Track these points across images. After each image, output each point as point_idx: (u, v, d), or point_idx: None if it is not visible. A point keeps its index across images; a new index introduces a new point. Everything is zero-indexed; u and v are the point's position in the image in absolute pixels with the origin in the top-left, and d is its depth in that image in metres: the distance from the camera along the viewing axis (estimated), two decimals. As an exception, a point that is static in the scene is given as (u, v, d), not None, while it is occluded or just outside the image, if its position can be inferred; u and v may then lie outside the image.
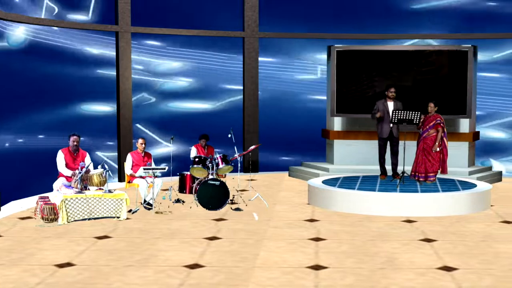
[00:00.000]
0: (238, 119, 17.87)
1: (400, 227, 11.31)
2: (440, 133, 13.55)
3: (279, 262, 8.99)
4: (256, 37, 17.83)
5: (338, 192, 12.93)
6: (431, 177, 13.63)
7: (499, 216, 12.32)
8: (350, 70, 16.41)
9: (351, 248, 9.79)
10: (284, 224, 11.51)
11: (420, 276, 8.38)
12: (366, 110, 16.00)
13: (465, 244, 10.08)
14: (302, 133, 17.95)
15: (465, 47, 16.23)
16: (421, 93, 16.03)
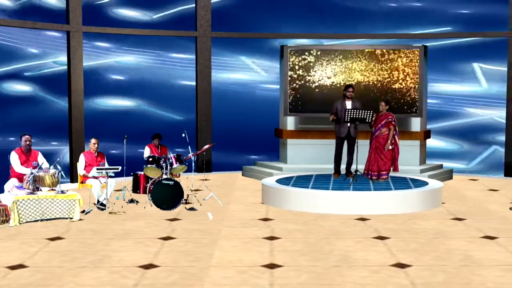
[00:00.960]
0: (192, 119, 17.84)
1: (353, 225, 11.38)
2: (392, 131, 13.67)
3: (234, 262, 8.97)
4: (209, 37, 17.78)
5: (292, 191, 12.96)
6: (384, 175, 13.75)
7: (451, 213, 12.46)
8: (303, 69, 16.45)
9: (306, 247, 9.81)
10: (239, 223, 11.50)
11: (374, 273, 8.43)
12: (319, 109, 16.10)
13: (418, 241, 10.18)
14: (256, 133, 17.95)
15: (416, 47, 16.40)
16: (374, 92, 16.16)
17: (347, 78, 16.26)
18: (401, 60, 16.32)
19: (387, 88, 16.27)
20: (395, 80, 16.29)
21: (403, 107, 16.21)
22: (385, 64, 16.33)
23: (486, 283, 8.04)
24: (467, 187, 15.83)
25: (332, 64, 16.39)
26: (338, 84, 16.25)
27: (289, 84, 16.50)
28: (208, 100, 17.88)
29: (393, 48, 16.62)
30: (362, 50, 16.53)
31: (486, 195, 14.66)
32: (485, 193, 14.86)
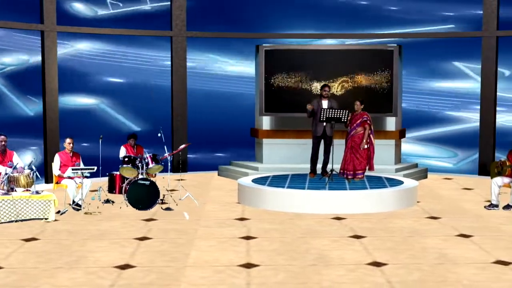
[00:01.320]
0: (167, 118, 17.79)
1: (329, 224, 11.41)
2: (367, 130, 13.73)
3: (210, 261, 8.96)
4: (184, 37, 17.75)
5: (268, 191, 12.97)
6: (359, 175, 13.80)
7: (426, 212, 12.54)
8: (279, 69, 16.47)
9: (282, 246, 9.82)
10: (215, 223, 11.49)
11: (350, 272, 8.46)
12: (294, 109, 16.13)
13: (393, 240, 10.23)
14: (231, 133, 17.95)
15: (391, 47, 16.49)
16: (349, 91, 16.22)
17: (324, 77, 16.28)
18: (376, 59, 16.39)
19: (363, 88, 16.32)
20: (370, 80, 16.34)
21: (378, 107, 16.24)
22: (361, 63, 16.39)
23: (461, 280, 8.11)
24: (442, 186, 15.92)
25: (308, 64, 16.41)
26: (315, 84, 16.27)
27: (264, 84, 16.50)
28: (183, 100, 17.84)
29: (369, 48, 16.69)
30: (338, 50, 16.58)
31: (460, 194, 14.77)
32: (460, 192, 14.97)
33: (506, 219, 11.88)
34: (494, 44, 17.24)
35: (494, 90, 17.36)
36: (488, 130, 17.42)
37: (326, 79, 16.21)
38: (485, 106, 17.43)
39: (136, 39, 17.78)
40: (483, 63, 17.41)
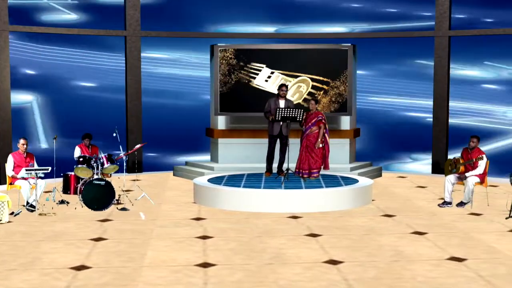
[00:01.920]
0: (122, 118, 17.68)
1: (286, 223, 11.44)
2: (322, 129, 13.78)
3: (167, 261, 8.93)
4: (138, 36, 17.64)
5: (224, 190, 12.96)
6: (315, 174, 13.86)
7: (381, 210, 12.64)
8: (234, 68, 16.46)
9: (239, 245, 9.82)
10: (171, 223, 11.45)
11: (307, 270, 8.49)
12: (250, 108, 16.15)
13: (349, 238, 10.30)
14: (187, 132, 17.90)
15: (345, 46, 16.58)
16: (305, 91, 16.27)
17: (280, 77, 16.31)
18: (331, 59, 16.48)
19: (318, 87, 16.39)
20: (325, 79, 16.42)
21: (333, 106, 16.34)
22: (315, 63, 16.46)
23: (416, 277, 8.19)
24: (396, 184, 16.07)
25: (265, 64, 16.43)
26: (271, 83, 16.30)
27: (219, 83, 16.48)
28: (138, 100, 17.74)
29: (323, 48, 16.76)
30: (293, 49, 16.63)
31: (414, 191, 14.91)
32: (414, 190, 15.12)
33: (459, 216, 12.03)
34: (446, 44, 17.44)
35: (447, 89, 17.56)
36: (440, 128, 17.62)
37: (282, 78, 16.24)
38: (438, 104, 17.62)
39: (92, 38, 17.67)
40: (435, 62, 17.61)
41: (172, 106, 18.21)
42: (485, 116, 17.68)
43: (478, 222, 11.56)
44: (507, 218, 11.75)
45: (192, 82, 18.63)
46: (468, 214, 12.29)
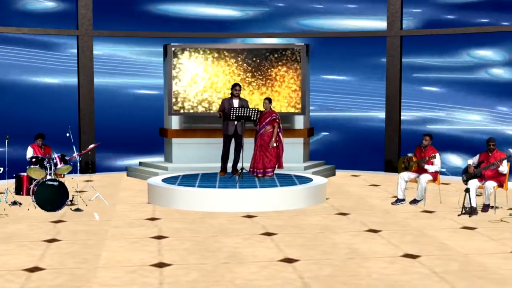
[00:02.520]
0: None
1: (241, 222, 11.43)
2: (276, 128, 13.81)
3: (122, 262, 8.86)
4: (91, 36, 17.50)
5: (178, 190, 12.91)
6: (269, 173, 13.88)
7: (335, 208, 12.71)
8: (187, 68, 16.40)
9: (194, 245, 9.79)
10: (125, 223, 11.36)
11: (263, 269, 8.50)
12: (204, 108, 16.09)
13: (304, 236, 10.33)
14: (140, 133, 17.79)
15: (299, 46, 16.63)
16: (259, 90, 16.28)
17: (234, 76, 16.31)
18: (285, 58, 16.51)
19: (272, 86, 16.42)
20: (279, 78, 16.46)
21: (287, 105, 16.38)
22: (269, 62, 16.48)
23: (371, 274, 8.25)
24: (350, 182, 16.17)
25: (218, 63, 16.40)
26: (226, 83, 16.28)
27: (173, 83, 16.41)
28: (90, 100, 17.59)
29: (277, 47, 16.80)
30: (248, 48, 16.62)
31: (368, 190, 15.03)
32: (367, 188, 15.23)
33: (412, 214, 12.15)
34: (398, 44, 17.62)
35: (399, 88, 17.73)
36: (393, 127, 17.79)
37: (236, 77, 16.24)
38: (390, 103, 17.79)
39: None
40: (387, 62, 17.77)
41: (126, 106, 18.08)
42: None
43: (431, 220, 11.68)
44: (459, 215, 11.90)
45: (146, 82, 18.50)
46: (421, 211, 12.42)
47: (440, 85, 17.77)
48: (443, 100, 17.68)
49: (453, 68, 17.60)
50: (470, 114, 17.37)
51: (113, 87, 18.20)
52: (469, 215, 11.86)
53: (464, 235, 10.48)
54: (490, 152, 12.26)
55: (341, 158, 18.30)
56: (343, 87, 18.67)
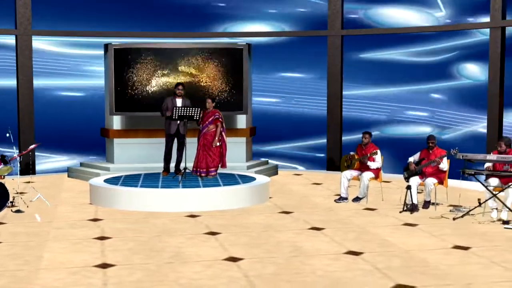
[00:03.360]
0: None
1: (184, 222, 11.41)
2: (219, 128, 13.81)
3: (65, 263, 8.75)
4: (30, 35, 17.26)
5: (121, 191, 12.82)
6: (212, 172, 13.87)
7: (278, 207, 12.76)
8: (129, 68, 16.28)
9: (137, 245, 9.73)
10: (67, 224, 11.24)
11: (207, 268, 8.49)
12: (146, 108, 16.01)
13: (248, 235, 10.35)
14: (81, 133, 17.64)
15: (241, 45, 16.65)
16: (201, 90, 16.25)
17: (176, 76, 16.25)
18: (226, 58, 16.52)
19: (214, 86, 16.40)
20: (221, 78, 16.45)
21: (229, 105, 16.36)
22: (211, 61, 16.46)
23: (316, 271, 8.30)
24: (292, 181, 16.25)
25: (160, 63, 16.32)
26: (167, 83, 16.20)
27: (114, 83, 16.27)
28: (30, 100, 17.34)
29: (219, 47, 16.79)
30: (190, 48, 16.57)
31: (310, 188, 15.12)
32: (310, 187, 15.33)
33: (355, 211, 12.28)
34: (339, 43, 17.77)
35: (340, 87, 17.90)
36: (335, 125, 17.94)
37: (178, 77, 16.19)
38: (332, 102, 17.94)
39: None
40: (329, 61, 17.92)
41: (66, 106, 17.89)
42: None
43: (373, 217, 11.82)
44: (401, 212, 12.06)
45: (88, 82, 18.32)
46: (363, 209, 12.56)
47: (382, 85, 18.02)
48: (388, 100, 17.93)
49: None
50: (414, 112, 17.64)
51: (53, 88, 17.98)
52: (410, 212, 12.03)
53: (406, 232, 10.63)
54: (430, 149, 12.46)
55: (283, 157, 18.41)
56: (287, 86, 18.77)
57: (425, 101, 17.42)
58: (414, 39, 17.44)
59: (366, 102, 18.14)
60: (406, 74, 17.61)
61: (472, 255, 9.15)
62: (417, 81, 17.50)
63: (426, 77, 17.35)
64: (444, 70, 17.07)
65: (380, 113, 17.95)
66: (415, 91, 17.61)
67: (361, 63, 18.12)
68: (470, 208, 11.86)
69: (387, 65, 17.82)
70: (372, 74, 18.00)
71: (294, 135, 18.59)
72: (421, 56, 17.49)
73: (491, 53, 15.85)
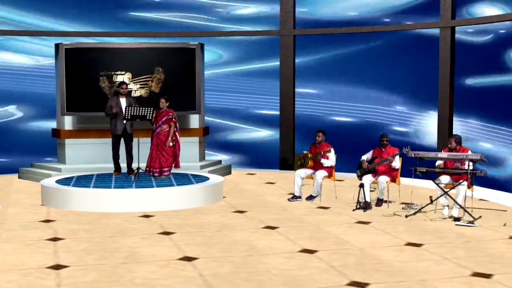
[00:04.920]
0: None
1: (138, 222, 11.35)
2: (172, 128, 13.76)
3: (17, 265, 8.64)
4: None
5: (73, 191, 12.70)
6: (166, 172, 13.82)
7: (232, 206, 12.76)
8: (80, 67, 16.14)
9: (91, 246, 9.65)
10: (19, 226, 11.08)
11: (162, 267, 8.45)
12: (97, 107, 15.86)
13: (203, 235, 10.33)
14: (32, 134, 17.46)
15: (193, 45, 16.62)
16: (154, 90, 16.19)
17: (126, 76, 16.15)
18: (179, 57, 16.48)
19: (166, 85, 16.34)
20: (174, 77, 16.39)
21: (182, 104, 16.28)
22: (163, 61, 16.40)
23: (271, 270, 8.32)
24: (246, 181, 16.27)
25: (110, 62, 16.21)
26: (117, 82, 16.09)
27: (65, 83, 16.12)
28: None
29: (171, 46, 16.74)
30: (140, 47, 16.50)
31: (264, 187, 15.16)
32: (263, 186, 15.36)
33: (308, 210, 12.34)
34: (291, 42, 17.85)
35: (293, 87, 17.98)
36: (287, 125, 18.02)
37: (131, 77, 16.10)
38: (284, 102, 18.01)
39: None
40: (281, 61, 17.99)
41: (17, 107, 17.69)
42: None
43: (327, 215, 11.89)
44: (354, 210, 12.15)
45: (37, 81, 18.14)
46: (317, 207, 12.62)
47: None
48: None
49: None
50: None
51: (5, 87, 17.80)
52: (363, 209, 12.13)
53: (359, 230, 10.71)
54: (383, 147, 12.59)
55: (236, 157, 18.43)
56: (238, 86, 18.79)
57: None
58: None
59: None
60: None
61: (424, 252, 9.26)
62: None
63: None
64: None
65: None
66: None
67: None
68: (422, 206, 12.02)
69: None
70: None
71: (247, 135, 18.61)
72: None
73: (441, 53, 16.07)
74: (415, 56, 16.96)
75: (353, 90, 17.87)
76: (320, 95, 18.22)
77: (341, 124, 17.94)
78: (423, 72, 16.75)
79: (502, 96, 15.03)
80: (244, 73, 18.72)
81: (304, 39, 18.02)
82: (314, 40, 17.98)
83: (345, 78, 17.90)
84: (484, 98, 15.55)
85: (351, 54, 17.82)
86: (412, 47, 17.00)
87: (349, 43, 17.74)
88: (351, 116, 17.92)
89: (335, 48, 17.92)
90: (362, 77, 17.67)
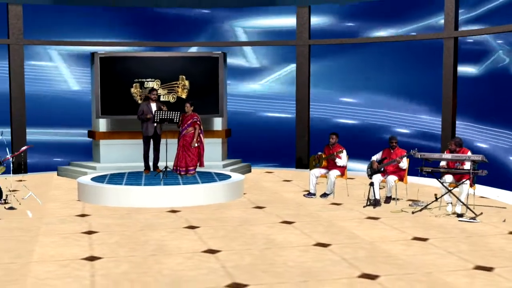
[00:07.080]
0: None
1: (165, 217, 11.29)
2: (197, 130, 13.73)
3: (55, 256, 8.62)
4: (21, 45, 17.03)
5: (107, 188, 12.68)
6: (191, 171, 13.77)
7: (252, 202, 12.69)
8: (113, 74, 16.14)
9: (123, 239, 9.61)
10: (57, 220, 11.07)
11: (188, 259, 8.40)
12: (129, 111, 15.87)
13: (225, 229, 10.27)
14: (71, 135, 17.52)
15: (216, 54, 16.57)
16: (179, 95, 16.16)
17: (157, 83, 16.13)
18: (203, 65, 16.46)
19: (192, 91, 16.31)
20: (199, 83, 16.36)
21: (206, 108, 16.23)
22: (190, 69, 16.37)
23: (288, 262, 8.25)
24: (265, 178, 16.18)
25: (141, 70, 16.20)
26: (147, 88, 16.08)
27: (100, 88, 16.12)
28: (21, 106, 17.12)
29: (196, 56, 16.71)
30: (168, 57, 16.50)
31: (281, 185, 15.06)
32: (281, 184, 15.27)
33: (322, 206, 12.24)
34: (306, 52, 17.76)
35: (308, 93, 17.88)
36: (303, 127, 17.92)
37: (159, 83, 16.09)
38: (300, 106, 17.92)
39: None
40: (297, 68, 17.90)
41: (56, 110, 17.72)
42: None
43: (340, 211, 11.79)
44: (364, 207, 12.04)
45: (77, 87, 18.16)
46: (330, 204, 12.52)
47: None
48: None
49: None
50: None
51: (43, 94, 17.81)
52: (373, 206, 12.02)
53: (369, 225, 10.61)
54: (392, 149, 12.47)
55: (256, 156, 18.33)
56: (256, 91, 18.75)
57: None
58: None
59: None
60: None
61: (430, 246, 9.15)
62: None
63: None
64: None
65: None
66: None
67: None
68: (427, 203, 11.89)
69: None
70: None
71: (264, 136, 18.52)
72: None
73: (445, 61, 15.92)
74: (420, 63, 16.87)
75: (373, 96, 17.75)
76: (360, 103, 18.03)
77: (347, 126, 17.85)
78: (425, 79, 16.67)
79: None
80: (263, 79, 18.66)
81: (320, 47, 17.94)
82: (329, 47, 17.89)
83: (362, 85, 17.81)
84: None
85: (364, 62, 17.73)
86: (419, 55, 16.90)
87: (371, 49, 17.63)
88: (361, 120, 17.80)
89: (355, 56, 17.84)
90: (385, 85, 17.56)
